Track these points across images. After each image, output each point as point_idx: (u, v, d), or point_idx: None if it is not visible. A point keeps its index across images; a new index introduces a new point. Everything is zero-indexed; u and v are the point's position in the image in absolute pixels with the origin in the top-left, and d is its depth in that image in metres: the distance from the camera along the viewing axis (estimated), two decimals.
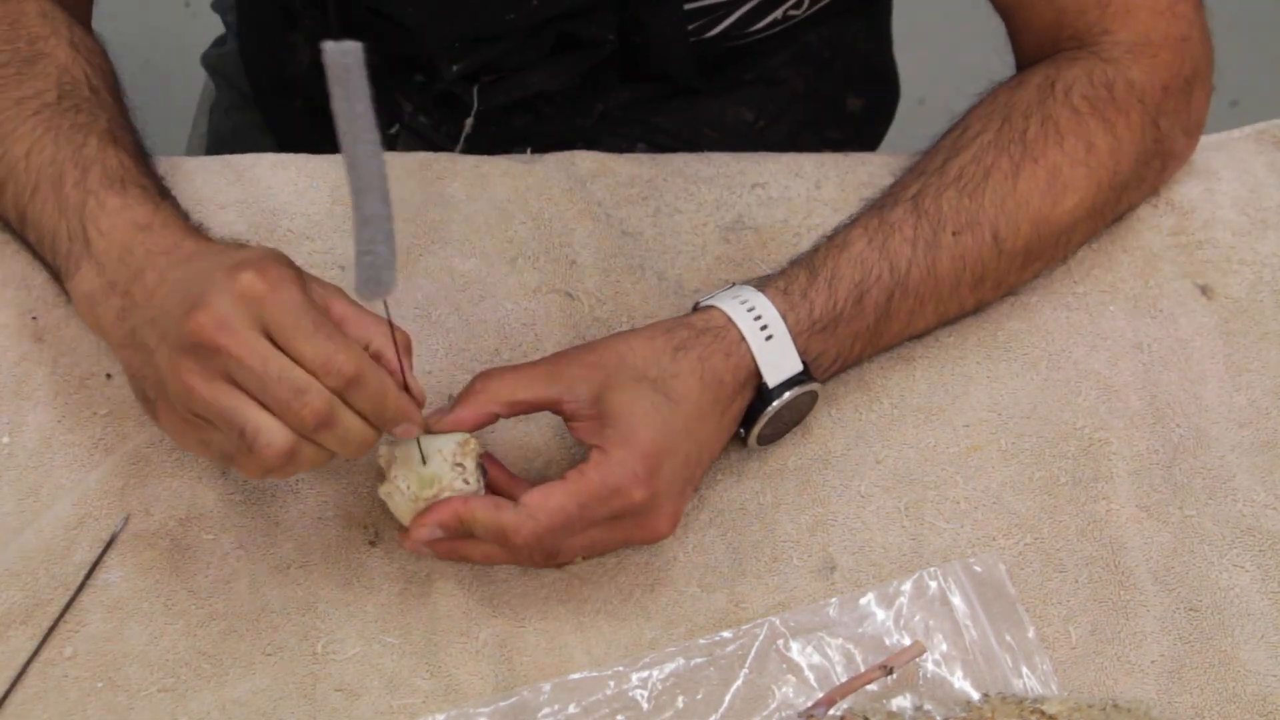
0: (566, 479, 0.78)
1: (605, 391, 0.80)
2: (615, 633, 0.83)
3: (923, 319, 0.90)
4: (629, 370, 0.81)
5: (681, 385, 0.81)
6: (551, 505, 0.78)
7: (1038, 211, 0.90)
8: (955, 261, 0.88)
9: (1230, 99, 2.00)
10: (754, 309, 0.84)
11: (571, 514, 0.78)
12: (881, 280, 0.87)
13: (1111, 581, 0.85)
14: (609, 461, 0.78)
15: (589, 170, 1.00)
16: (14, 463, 0.86)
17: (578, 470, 0.79)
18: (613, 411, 0.79)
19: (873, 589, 0.84)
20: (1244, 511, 0.88)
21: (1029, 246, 0.90)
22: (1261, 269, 0.98)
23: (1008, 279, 0.92)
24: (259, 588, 0.83)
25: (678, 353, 0.82)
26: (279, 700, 0.80)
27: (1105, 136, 0.91)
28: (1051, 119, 0.90)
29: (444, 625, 0.82)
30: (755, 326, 0.84)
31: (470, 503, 0.78)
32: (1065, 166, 0.90)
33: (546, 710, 0.79)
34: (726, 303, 0.85)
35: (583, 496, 0.78)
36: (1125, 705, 0.80)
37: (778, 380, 0.84)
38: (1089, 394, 0.92)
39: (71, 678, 0.80)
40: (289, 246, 0.95)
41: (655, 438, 0.79)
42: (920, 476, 0.89)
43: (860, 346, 0.88)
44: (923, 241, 0.88)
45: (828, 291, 0.86)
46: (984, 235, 0.89)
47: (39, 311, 0.92)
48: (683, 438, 0.81)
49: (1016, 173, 0.89)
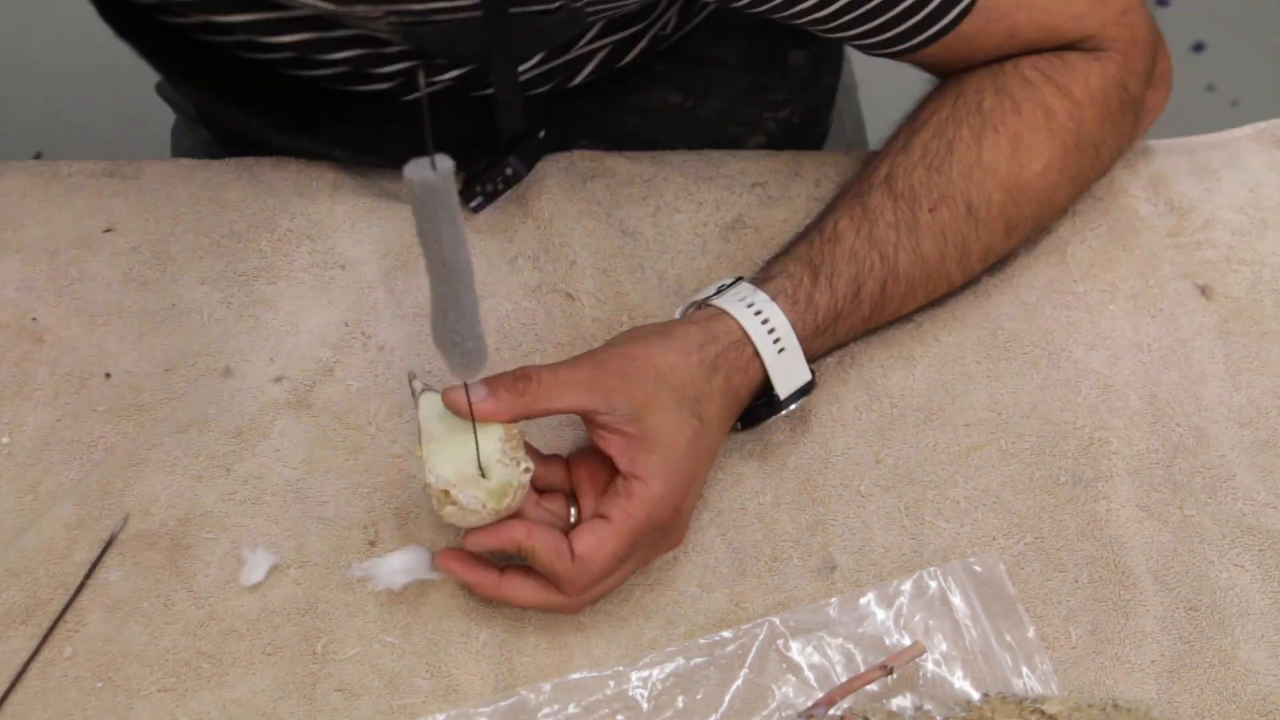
0: (614, 521, 0.77)
1: (646, 411, 0.78)
2: (615, 633, 0.82)
3: (914, 300, 0.91)
4: (669, 390, 0.80)
5: (713, 407, 0.82)
6: (605, 553, 0.77)
7: (1006, 178, 0.90)
8: (936, 239, 0.89)
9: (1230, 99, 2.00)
10: (767, 320, 0.84)
11: (622, 558, 0.78)
12: (875, 271, 0.88)
13: (1111, 581, 0.85)
14: (652, 497, 0.78)
15: (588, 169, 1.00)
16: (13, 462, 0.86)
17: (622, 511, 0.78)
18: (653, 436, 0.78)
19: (873, 589, 0.84)
20: (1244, 511, 0.88)
21: (1006, 214, 0.91)
22: (1261, 268, 0.98)
23: (994, 249, 0.92)
24: (258, 588, 0.83)
25: (711, 373, 0.82)
26: (279, 700, 0.80)
27: (1062, 100, 0.91)
28: (1005, 90, 0.91)
29: (444, 625, 0.82)
30: (769, 340, 0.84)
31: (534, 535, 0.77)
32: (1026, 132, 0.90)
33: (546, 710, 0.79)
34: (739, 310, 0.85)
35: (632, 538, 0.78)
36: (1125, 705, 0.80)
37: (788, 391, 0.85)
38: (1089, 393, 0.92)
39: (71, 677, 0.80)
40: (290, 246, 0.95)
41: (691, 467, 0.79)
42: (920, 476, 0.89)
43: (854, 335, 0.90)
44: (904, 224, 0.88)
45: (829, 292, 0.87)
46: (958, 208, 0.89)
47: (39, 312, 0.92)
48: (708, 457, 0.82)
49: (979, 143, 0.90)
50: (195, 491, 0.86)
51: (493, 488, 0.75)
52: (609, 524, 0.77)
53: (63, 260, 0.94)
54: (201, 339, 0.91)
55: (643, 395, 0.79)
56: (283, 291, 0.94)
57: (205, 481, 0.86)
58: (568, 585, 0.78)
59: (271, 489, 0.86)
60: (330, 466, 0.87)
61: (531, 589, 0.79)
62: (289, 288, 0.94)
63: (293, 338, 0.92)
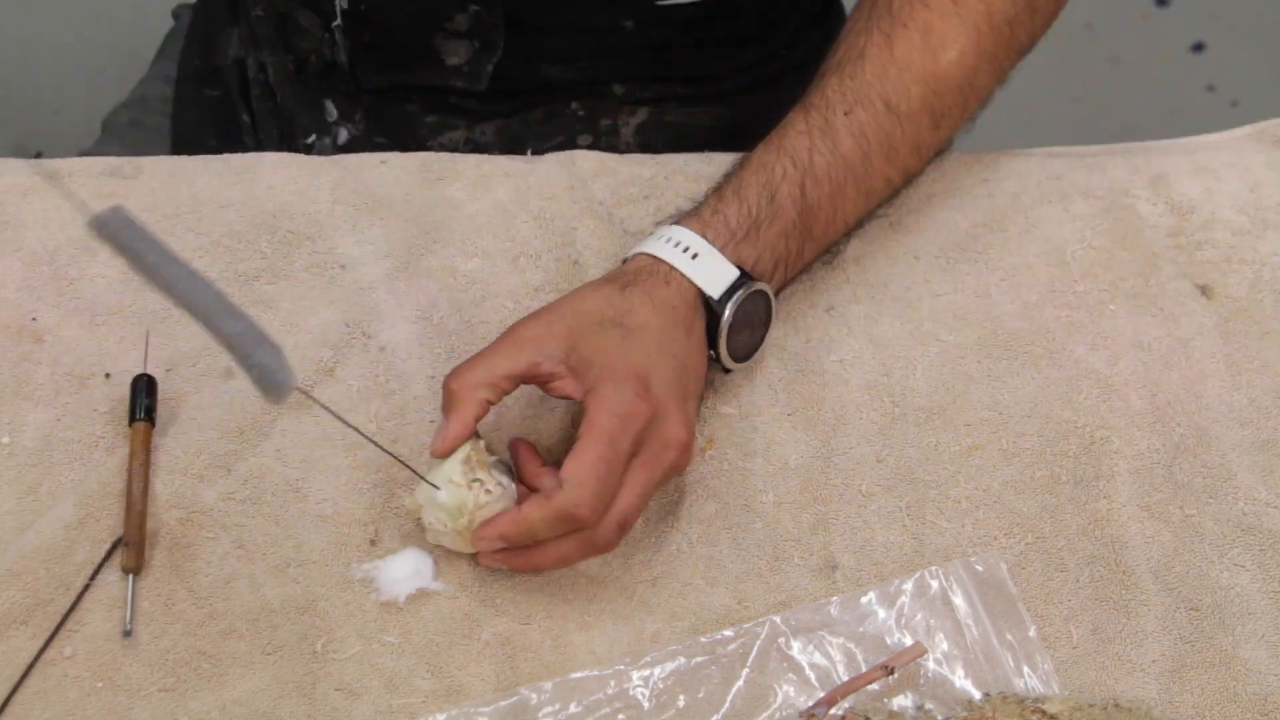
0: (580, 436, 0.80)
1: (574, 343, 0.82)
2: (619, 629, 0.82)
3: (849, 202, 0.92)
4: (588, 317, 0.83)
5: (637, 315, 0.84)
6: (588, 462, 0.79)
7: (921, 70, 0.92)
8: (856, 138, 0.90)
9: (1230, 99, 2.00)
10: (671, 239, 0.87)
11: (609, 457, 0.79)
12: (788, 175, 0.89)
13: (1112, 581, 0.85)
14: (604, 396, 0.80)
15: (590, 170, 1.00)
16: (14, 462, 0.86)
17: (584, 423, 0.80)
18: (587, 356, 0.82)
19: (874, 588, 0.84)
20: (1245, 510, 0.88)
21: (929, 106, 0.92)
22: (1261, 268, 0.98)
23: (924, 143, 0.94)
24: (259, 587, 0.83)
25: (625, 290, 0.85)
26: (279, 700, 0.80)
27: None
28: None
29: (445, 625, 0.82)
30: (677, 251, 0.86)
31: (519, 513, 0.80)
32: (935, 21, 0.92)
33: (547, 710, 0.79)
34: (647, 244, 0.88)
35: (605, 436, 0.79)
36: (1126, 705, 0.80)
37: (720, 290, 0.86)
38: (1089, 393, 0.92)
39: (71, 677, 0.80)
40: (290, 248, 0.95)
41: (632, 361, 0.82)
42: (921, 476, 0.89)
43: (796, 244, 0.90)
44: (816, 130, 0.90)
45: (737, 201, 0.88)
46: (875, 106, 0.91)
47: (39, 312, 0.92)
48: (659, 354, 0.83)
49: (889, 42, 0.92)
50: (195, 491, 0.86)
51: (450, 507, 0.80)
52: (580, 439, 0.80)
53: (63, 260, 0.94)
54: (202, 339, 0.90)
55: (564, 330, 0.82)
56: (283, 292, 0.94)
57: (205, 481, 0.86)
58: (575, 509, 0.79)
59: (272, 488, 0.86)
60: (330, 465, 0.87)
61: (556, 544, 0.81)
62: (289, 288, 0.94)
63: (293, 337, 0.92)
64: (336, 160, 1.01)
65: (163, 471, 0.86)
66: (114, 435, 0.87)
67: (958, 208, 1.00)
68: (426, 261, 0.95)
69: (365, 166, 1.01)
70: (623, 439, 0.80)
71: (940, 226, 0.99)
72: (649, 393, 0.81)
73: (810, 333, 0.94)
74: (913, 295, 0.96)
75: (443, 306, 0.93)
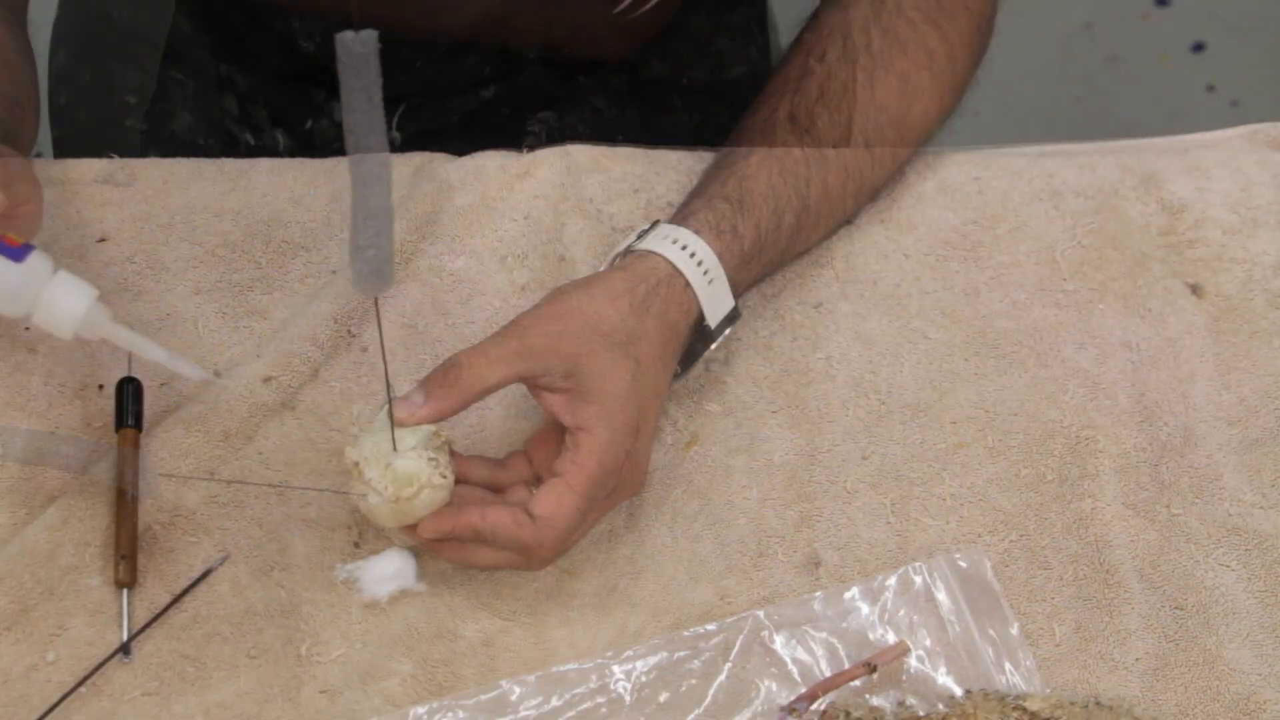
0: (566, 477, 0.79)
1: (579, 364, 0.80)
2: (601, 624, 0.83)
3: (818, 232, 0.94)
4: (599, 339, 0.81)
5: (648, 347, 0.83)
6: (566, 509, 0.78)
7: (895, 116, 0.95)
8: (840, 174, 0.93)
9: (1230, 99, 2.00)
10: (694, 254, 0.86)
11: (584, 510, 0.79)
12: (792, 204, 0.91)
13: (1096, 579, 0.85)
14: (599, 445, 0.79)
15: (582, 165, 1.00)
16: (6, 473, 0.86)
17: (573, 464, 0.79)
18: (590, 387, 0.80)
19: (858, 584, 0.84)
20: (1231, 510, 0.88)
21: (895, 152, 0.95)
22: (1252, 267, 0.98)
23: (878, 184, 0.97)
24: (242, 590, 0.83)
25: (642, 313, 0.83)
26: (263, 704, 0.80)
27: (941, 43, 0.95)
28: (892, 31, 0.95)
29: (429, 626, 0.82)
30: (699, 272, 0.86)
31: (482, 520, 0.78)
32: (912, 73, 0.95)
33: (528, 703, 0.79)
34: (666, 248, 0.86)
35: (589, 489, 0.79)
36: (1107, 703, 0.80)
37: (718, 320, 0.87)
38: (1076, 392, 0.92)
39: (55, 683, 0.79)
40: (284, 257, 0.95)
41: (634, 408, 0.81)
42: (907, 473, 0.89)
43: (771, 268, 0.92)
44: (814, 159, 0.92)
45: (754, 224, 0.89)
46: (859, 143, 0.93)
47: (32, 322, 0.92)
48: (653, 397, 0.83)
49: (871, 83, 0.94)
50: (178, 494, 0.85)
51: (400, 473, 0.77)
52: (563, 480, 0.79)
53: None
54: (195, 350, 0.91)
55: (573, 349, 0.80)
56: (277, 302, 0.93)
57: (189, 484, 0.86)
58: (536, 549, 0.78)
59: (255, 491, 0.86)
60: (313, 468, 0.87)
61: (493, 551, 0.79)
62: (284, 298, 0.93)
63: (282, 333, 0.91)
64: (332, 165, 1.00)
65: (147, 474, 0.86)
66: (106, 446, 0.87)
67: (948, 205, 1.00)
68: (415, 262, 0.95)
69: None
70: (602, 490, 0.80)
71: (930, 224, 0.99)
72: (636, 442, 0.81)
73: (797, 330, 0.94)
74: (901, 293, 0.96)
75: (427, 311, 0.93)
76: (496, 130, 1.08)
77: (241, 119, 1.09)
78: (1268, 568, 0.86)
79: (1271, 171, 1.02)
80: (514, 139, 1.09)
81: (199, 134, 1.08)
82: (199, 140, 1.08)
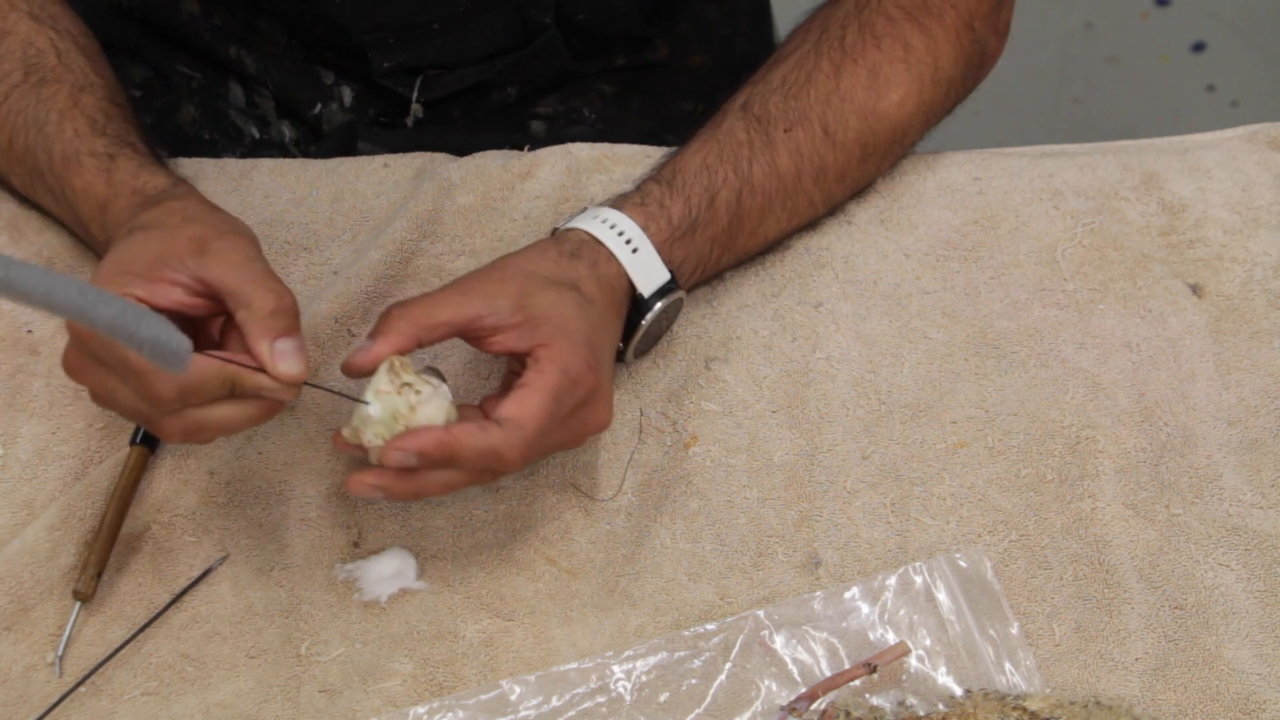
0: (528, 383, 0.79)
1: (526, 298, 0.81)
2: (601, 624, 0.83)
3: (773, 218, 0.94)
4: (541, 277, 0.83)
5: (587, 286, 0.84)
6: (532, 410, 0.78)
7: (863, 105, 0.94)
8: (792, 156, 0.93)
9: (1230, 99, 2.00)
10: (615, 225, 0.87)
11: (552, 412, 0.79)
12: (729, 181, 0.91)
13: (1096, 579, 0.85)
14: (559, 352, 0.79)
15: (583, 165, 1.00)
16: (8, 474, 0.86)
17: (535, 372, 0.79)
18: (541, 311, 0.81)
19: (858, 583, 0.84)
20: (1230, 510, 0.88)
21: (862, 140, 0.95)
22: (1253, 268, 0.98)
23: (850, 173, 0.96)
24: (242, 590, 0.83)
25: (573, 259, 0.85)
26: (263, 703, 0.80)
27: (921, 38, 0.96)
28: (868, 25, 0.95)
29: (429, 625, 0.82)
30: (620, 241, 0.87)
31: (454, 432, 0.76)
32: (884, 65, 0.95)
33: (528, 703, 0.79)
34: (588, 223, 0.87)
35: (553, 391, 0.79)
36: (1107, 703, 0.80)
37: (651, 290, 0.87)
38: (1076, 392, 0.92)
39: (55, 683, 0.80)
40: (286, 259, 0.95)
41: (587, 328, 0.81)
42: (907, 473, 0.89)
43: (719, 251, 0.92)
44: (759, 141, 0.92)
45: (682, 199, 0.89)
46: (814, 129, 0.93)
47: (34, 324, 0.92)
48: (604, 331, 0.84)
49: (838, 73, 0.94)
50: (178, 493, 0.86)
51: (384, 418, 0.77)
52: (527, 386, 0.79)
53: (59, 271, 0.94)
54: None
55: (516, 288, 0.82)
56: None
57: (190, 484, 0.86)
58: (505, 452, 0.77)
59: (255, 491, 0.86)
60: (313, 468, 0.87)
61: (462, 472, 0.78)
62: None
63: None
64: (335, 166, 1.00)
65: (146, 473, 0.86)
66: (108, 449, 0.87)
67: (948, 205, 1.00)
68: (415, 262, 0.95)
69: (364, 172, 1.00)
70: (567, 401, 0.79)
71: (931, 224, 0.99)
72: (596, 366, 0.81)
73: (797, 329, 0.94)
74: (902, 293, 0.96)
75: None
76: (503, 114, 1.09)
77: (247, 109, 1.09)
78: (1267, 568, 0.86)
79: (1272, 171, 1.02)
80: (520, 124, 1.09)
81: (204, 127, 1.08)
82: (204, 134, 1.08)
